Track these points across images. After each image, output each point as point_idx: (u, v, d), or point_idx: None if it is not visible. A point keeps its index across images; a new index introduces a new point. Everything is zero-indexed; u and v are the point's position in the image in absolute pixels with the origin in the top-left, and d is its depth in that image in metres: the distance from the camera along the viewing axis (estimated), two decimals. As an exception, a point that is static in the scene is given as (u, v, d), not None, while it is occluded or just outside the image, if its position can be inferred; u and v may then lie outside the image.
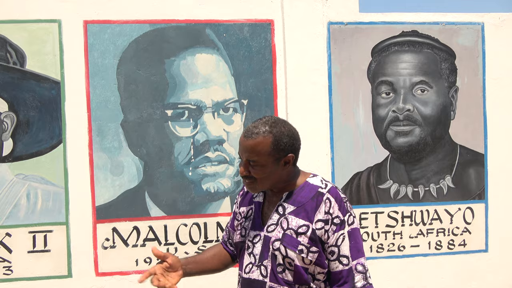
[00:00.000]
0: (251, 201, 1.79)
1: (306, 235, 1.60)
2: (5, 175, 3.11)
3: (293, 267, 1.61)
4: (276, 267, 1.63)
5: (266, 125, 1.63)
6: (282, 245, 1.61)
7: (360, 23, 3.38)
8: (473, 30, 3.47)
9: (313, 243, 1.60)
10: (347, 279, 1.61)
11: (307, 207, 1.63)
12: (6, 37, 3.11)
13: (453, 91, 3.47)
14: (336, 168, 3.34)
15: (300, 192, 1.67)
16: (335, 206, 1.62)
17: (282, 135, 1.64)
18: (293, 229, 1.62)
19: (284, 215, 1.65)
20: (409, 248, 3.41)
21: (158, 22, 3.24)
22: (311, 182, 1.69)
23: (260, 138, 1.61)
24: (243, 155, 1.65)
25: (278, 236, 1.63)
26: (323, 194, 1.64)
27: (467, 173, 3.47)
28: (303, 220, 1.62)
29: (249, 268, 1.69)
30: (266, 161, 1.61)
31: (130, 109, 3.22)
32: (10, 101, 3.12)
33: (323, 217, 1.61)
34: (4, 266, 3.10)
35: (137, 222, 3.21)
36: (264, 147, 1.60)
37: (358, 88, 3.39)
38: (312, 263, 1.61)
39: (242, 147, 1.64)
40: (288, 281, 1.62)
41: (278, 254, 1.62)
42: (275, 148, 1.62)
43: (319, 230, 1.60)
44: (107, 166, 3.19)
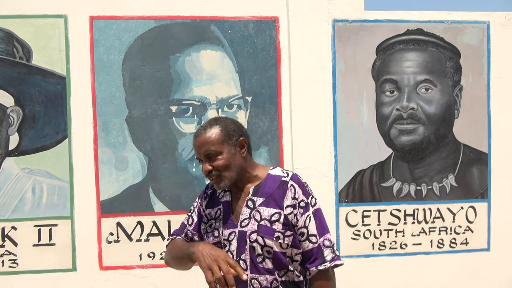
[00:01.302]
0: (217, 202, 1.85)
1: (280, 221, 1.71)
2: (11, 169, 3.14)
3: (271, 255, 1.71)
4: (256, 258, 1.71)
5: (210, 121, 1.80)
6: (259, 236, 1.71)
7: (365, 21, 3.38)
8: (478, 29, 3.46)
9: (287, 228, 1.72)
10: (317, 255, 1.74)
11: (275, 196, 1.74)
12: (13, 32, 3.13)
13: (458, 90, 3.47)
14: (339, 165, 3.35)
15: (265, 184, 1.77)
16: (299, 191, 1.75)
17: (226, 123, 1.80)
18: (266, 219, 1.72)
19: (255, 208, 1.75)
20: (411, 246, 3.42)
21: (164, 18, 3.25)
22: (273, 173, 1.80)
23: (209, 130, 1.75)
24: (200, 153, 1.75)
25: (254, 228, 1.72)
26: (287, 182, 1.76)
27: (470, 172, 3.47)
28: (274, 208, 1.73)
29: None
30: (222, 148, 1.73)
31: (135, 104, 3.24)
32: (17, 95, 3.14)
33: (291, 203, 1.73)
34: (10, 259, 3.13)
35: (141, 217, 3.24)
36: (216, 136, 1.74)
37: (362, 86, 3.39)
38: (289, 246, 1.72)
39: (197, 145, 1.75)
40: (268, 269, 1.71)
41: (256, 245, 1.71)
42: (226, 134, 1.75)
43: (289, 215, 1.72)
44: (112, 161, 3.22)
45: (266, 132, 3.32)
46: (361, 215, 3.39)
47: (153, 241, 3.23)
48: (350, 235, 3.38)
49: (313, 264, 1.73)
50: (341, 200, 3.37)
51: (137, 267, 3.22)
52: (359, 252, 3.38)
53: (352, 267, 3.36)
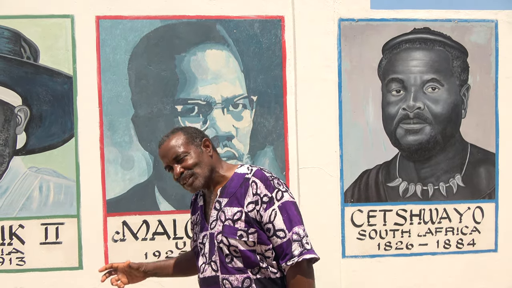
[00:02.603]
0: (197, 207, 1.91)
1: (241, 219, 1.71)
2: (19, 168, 3.17)
3: (239, 253, 1.71)
4: (224, 258, 1.73)
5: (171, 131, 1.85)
6: (223, 236, 1.72)
7: (371, 20, 3.36)
8: (486, 27, 3.43)
9: (249, 225, 1.70)
10: (287, 251, 1.69)
11: (237, 195, 1.74)
12: (20, 32, 3.16)
13: (465, 89, 3.43)
14: (345, 165, 3.34)
15: (230, 184, 1.78)
16: (261, 186, 1.72)
17: (186, 128, 1.86)
18: (230, 219, 1.73)
19: (221, 209, 1.76)
20: (417, 246, 3.40)
21: (169, 18, 3.26)
22: (239, 171, 1.80)
23: (171, 136, 1.79)
24: (169, 158, 1.76)
25: (219, 229, 1.74)
26: (248, 178, 1.75)
27: (478, 172, 3.44)
28: (236, 207, 1.73)
29: (203, 268, 1.80)
30: (189, 148, 1.76)
31: (140, 104, 3.26)
32: (24, 95, 3.17)
33: (252, 199, 1.71)
34: (17, 257, 3.17)
35: (147, 216, 3.25)
36: (179, 139, 1.77)
37: (368, 86, 3.37)
38: (256, 243, 1.71)
39: (164, 151, 1.78)
40: (239, 268, 1.72)
41: (223, 246, 1.73)
42: (188, 137, 1.79)
43: (251, 211, 1.70)
44: (118, 160, 3.23)
45: (272, 131, 3.32)
46: (367, 215, 3.38)
47: (159, 240, 3.25)
48: (356, 235, 3.37)
49: (284, 260, 1.69)
50: (346, 200, 3.36)
51: (143, 265, 3.24)
52: (364, 252, 3.37)
53: (358, 267, 3.35)
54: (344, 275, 3.32)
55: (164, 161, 1.79)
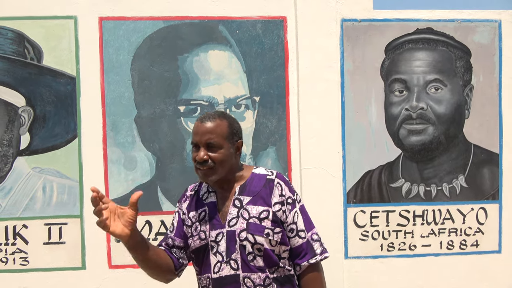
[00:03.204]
0: (201, 204, 1.84)
1: (268, 218, 1.74)
2: (22, 168, 3.19)
3: (262, 252, 1.73)
4: (247, 256, 1.72)
5: (219, 113, 1.81)
6: (249, 233, 1.72)
7: (374, 20, 3.35)
8: (489, 27, 3.41)
9: (276, 224, 1.74)
10: (307, 250, 1.78)
11: (262, 194, 1.76)
12: (24, 33, 3.18)
13: (468, 90, 3.42)
14: (348, 166, 3.34)
15: (251, 183, 1.80)
16: (286, 188, 1.79)
17: (233, 120, 1.82)
18: (255, 217, 1.74)
19: (243, 206, 1.76)
20: (420, 247, 3.39)
21: (172, 18, 3.27)
22: (258, 172, 1.83)
23: (218, 121, 1.75)
24: (202, 139, 1.73)
25: (243, 226, 1.73)
26: (272, 180, 1.80)
27: (481, 173, 3.42)
28: (262, 206, 1.75)
29: (218, 267, 1.75)
30: (223, 143, 1.74)
31: (143, 104, 3.27)
32: (28, 96, 3.19)
33: (278, 200, 1.77)
34: (21, 257, 3.18)
35: (149, 216, 3.26)
36: (222, 129, 1.74)
37: (371, 86, 3.37)
38: (278, 243, 1.75)
39: (201, 131, 1.73)
40: (260, 267, 1.73)
41: (247, 244, 1.72)
42: (230, 131, 1.77)
43: (278, 211, 1.76)
44: (121, 160, 3.25)
45: (274, 132, 3.32)
46: (370, 216, 3.37)
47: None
48: (358, 236, 3.36)
49: (303, 259, 1.77)
50: (349, 200, 3.35)
51: (146, 266, 3.24)
52: (367, 253, 3.36)
53: (360, 268, 3.34)
54: (346, 276, 3.31)
55: (194, 138, 1.76)
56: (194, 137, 1.77)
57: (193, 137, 1.78)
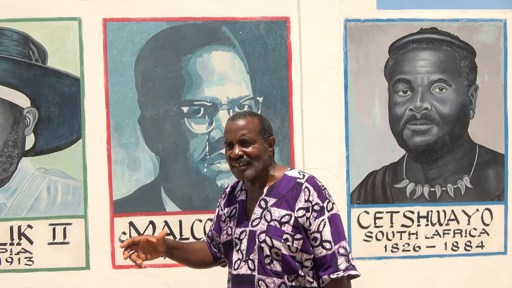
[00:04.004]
0: (234, 201, 1.87)
1: (290, 223, 1.68)
2: (27, 169, 3.21)
3: (280, 257, 1.68)
4: (264, 259, 1.70)
5: (249, 111, 1.84)
6: (267, 236, 1.69)
7: (378, 20, 3.34)
8: (494, 27, 3.39)
9: (297, 231, 1.67)
10: (331, 263, 1.67)
11: (287, 198, 1.72)
12: (29, 35, 3.21)
13: (473, 90, 3.40)
14: (351, 166, 3.32)
15: (280, 184, 1.76)
16: (314, 194, 1.70)
17: (263, 118, 1.83)
18: (276, 220, 1.70)
19: (267, 208, 1.73)
20: (424, 248, 3.37)
21: (175, 19, 3.28)
22: (289, 174, 1.79)
23: (249, 118, 1.77)
24: (235, 136, 1.74)
25: (263, 228, 1.71)
26: (301, 183, 1.73)
27: (486, 173, 3.39)
28: (285, 210, 1.70)
29: (238, 264, 1.76)
30: (256, 138, 1.74)
31: (147, 105, 3.28)
32: (32, 97, 3.22)
33: (303, 205, 1.69)
34: (26, 257, 3.21)
35: (153, 216, 3.27)
36: (254, 125, 1.76)
37: (374, 86, 3.35)
38: (298, 250, 1.68)
39: (234, 128, 1.75)
40: (276, 272, 1.69)
41: (264, 246, 1.69)
42: (262, 127, 1.77)
43: (301, 217, 1.68)
44: (125, 161, 3.26)
45: (277, 132, 3.32)
46: (373, 217, 3.35)
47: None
48: (362, 237, 3.35)
49: (326, 272, 1.68)
50: (353, 201, 3.34)
51: (149, 266, 3.25)
52: (371, 254, 3.34)
53: (364, 269, 3.30)
54: (350, 277, 3.29)
55: (227, 136, 1.76)
56: (228, 135, 1.76)
57: (226, 136, 1.77)
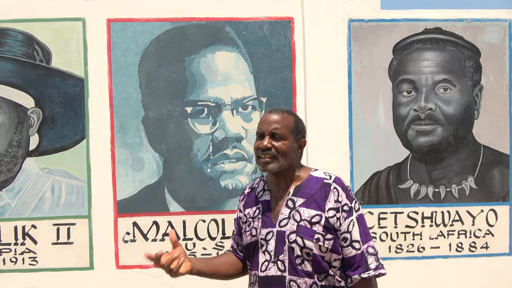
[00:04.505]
0: (257, 201, 1.85)
1: (320, 224, 1.68)
2: (31, 169, 3.22)
3: (311, 257, 1.68)
4: (295, 259, 1.69)
5: (287, 109, 1.84)
6: (298, 236, 1.68)
7: (382, 20, 3.33)
8: (499, 27, 3.37)
9: (328, 231, 1.68)
10: (361, 263, 1.70)
11: (316, 198, 1.72)
12: (33, 35, 3.21)
13: (477, 90, 3.38)
14: (355, 167, 3.32)
15: (306, 185, 1.76)
16: (343, 195, 1.72)
17: (299, 119, 1.83)
18: (306, 220, 1.69)
19: (295, 208, 1.72)
20: (428, 249, 3.36)
21: (179, 20, 3.28)
22: (315, 175, 1.79)
23: (285, 114, 1.78)
24: (268, 128, 1.74)
25: (293, 228, 1.70)
26: (329, 184, 1.74)
27: (491, 174, 3.38)
28: (314, 210, 1.70)
29: (265, 265, 1.74)
30: (288, 135, 1.74)
31: (151, 106, 3.28)
32: (37, 97, 3.22)
33: (333, 206, 1.70)
34: (30, 257, 3.21)
35: (157, 217, 3.27)
36: (289, 122, 1.76)
37: (378, 86, 3.34)
38: (328, 250, 1.69)
39: (268, 120, 1.76)
40: (307, 272, 1.68)
41: (295, 246, 1.68)
42: (296, 127, 1.78)
43: (332, 218, 1.69)
44: (128, 161, 3.26)
45: (281, 133, 3.31)
46: (377, 217, 3.34)
47: (168, 241, 3.21)
48: (366, 238, 3.34)
49: (356, 272, 1.70)
50: (356, 201, 3.33)
51: (153, 266, 3.22)
52: (375, 255, 3.33)
53: (368, 270, 3.31)
54: (354, 278, 3.28)
55: (260, 127, 1.77)
56: (261, 126, 1.77)
57: (259, 126, 1.78)
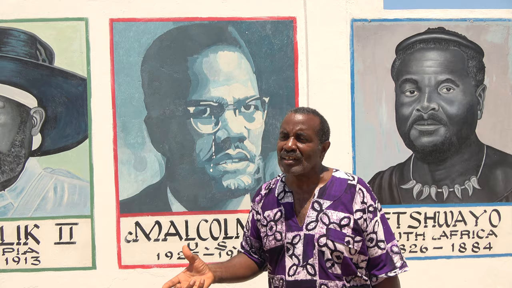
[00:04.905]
0: (277, 203, 1.80)
1: (349, 226, 1.67)
2: (34, 169, 3.22)
3: (341, 260, 1.67)
4: (325, 263, 1.67)
5: (312, 109, 1.80)
6: (329, 240, 1.67)
7: (385, 20, 3.32)
8: (502, 26, 3.36)
9: (357, 233, 1.68)
10: (386, 262, 1.71)
11: (343, 200, 1.71)
12: (36, 35, 3.22)
13: (481, 90, 3.37)
14: (358, 167, 3.31)
15: (331, 186, 1.74)
16: (368, 195, 1.72)
17: (325, 120, 1.80)
18: (335, 223, 1.68)
19: (322, 210, 1.70)
20: (431, 249, 3.35)
21: (182, 20, 3.28)
22: (338, 175, 1.78)
23: (311, 115, 1.74)
24: (293, 129, 1.70)
25: (322, 232, 1.68)
26: (354, 185, 1.73)
27: (494, 174, 3.37)
28: (343, 212, 1.69)
29: (293, 270, 1.71)
30: (313, 137, 1.71)
31: (153, 105, 3.28)
32: (39, 97, 3.23)
33: (360, 207, 1.70)
34: (32, 257, 3.22)
35: (159, 217, 3.27)
36: (314, 123, 1.73)
37: (381, 86, 3.34)
38: (357, 252, 1.69)
39: (294, 120, 1.72)
40: (337, 275, 1.67)
41: (326, 250, 1.67)
42: (321, 128, 1.74)
43: (359, 219, 1.69)
44: (131, 161, 3.26)
45: (283, 133, 3.31)
46: (380, 218, 3.33)
47: (171, 240, 3.26)
48: (369, 238, 3.33)
49: (382, 271, 1.70)
50: (359, 202, 3.32)
51: (155, 266, 3.26)
52: (377, 255, 3.32)
53: (371, 270, 3.30)
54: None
55: (285, 126, 1.73)
56: (285, 126, 1.72)
57: (283, 126, 1.73)
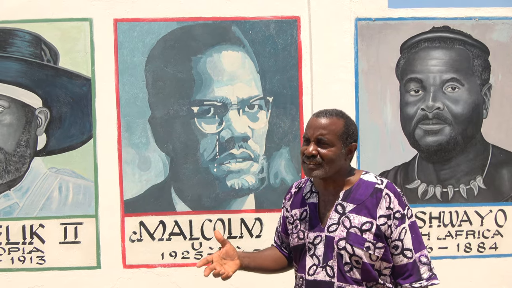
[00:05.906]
0: (304, 202, 1.79)
1: (371, 231, 1.62)
2: (39, 169, 3.24)
3: (360, 265, 1.63)
4: (343, 266, 1.64)
5: (336, 111, 1.72)
6: (348, 243, 1.63)
7: (389, 19, 3.31)
8: (508, 25, 3.33)
9: (379, 239, 1.62)
10: (412, 272, 1.63)
11: (367, 204, 1.65)
12: (41, 36, 3.23)
13: (486, 89, 3.35)
14: (362, 166, 3.29)
15: (357, 189, 1.69)
16: (395, 201, 1.64)
17: (351, 122, 1.72)
18: (356, 227, 1.64)
19: (345, 213, 1.67)
20: (436, 250, 3.33)
21: (185, 20, 3.28)
22: (366, 179, 1.71)
23: (334, 119, 1.67)
24: (314, 133, 1.66)
25: (342, 235, 1.65)
26: (381, 190, 1.66)
27: (500, 174, 3.34)
28: (365, 217, 1.64)
29: (313, 270, 1.70)
30: (335, 142, 1.65)
31: (157, 105, 3.29)
32: (44, 97, 3.24)
33: (385, 213, 1.63)
34: (37, 256, 3.23)
35: (163, 216, 3.28)
36: (337, 127, 1.66)
37: (385, 86, 3.32)
38: (379, 259, 1.64)
39: (315, 125, 1.67)
40: (356, 279, 1.64)
41: (344, 253, 1.64)
42: (345, 132, 1.68)
43: (383, 225, 1.62)
44: (135, 161, 3.27)
45: (287, 132, 3.30)
46: (385, 217, 3.32)
47: (175, 240, 3.27)
48: (373, 238, 3.32)
49: (407, 280, 1.64)
50: (363, 201, 3.31)
51: (159, 265, 3.27)
52: (382, 255, 3.31)
53: (375, 270, 3.29)
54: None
55: (307, 131, 1.70)
56: (307, 130, 1.69)
57: (306, 130, 1.70)
